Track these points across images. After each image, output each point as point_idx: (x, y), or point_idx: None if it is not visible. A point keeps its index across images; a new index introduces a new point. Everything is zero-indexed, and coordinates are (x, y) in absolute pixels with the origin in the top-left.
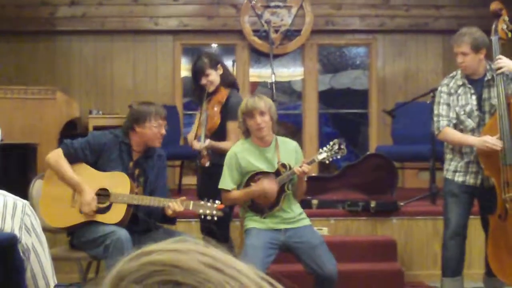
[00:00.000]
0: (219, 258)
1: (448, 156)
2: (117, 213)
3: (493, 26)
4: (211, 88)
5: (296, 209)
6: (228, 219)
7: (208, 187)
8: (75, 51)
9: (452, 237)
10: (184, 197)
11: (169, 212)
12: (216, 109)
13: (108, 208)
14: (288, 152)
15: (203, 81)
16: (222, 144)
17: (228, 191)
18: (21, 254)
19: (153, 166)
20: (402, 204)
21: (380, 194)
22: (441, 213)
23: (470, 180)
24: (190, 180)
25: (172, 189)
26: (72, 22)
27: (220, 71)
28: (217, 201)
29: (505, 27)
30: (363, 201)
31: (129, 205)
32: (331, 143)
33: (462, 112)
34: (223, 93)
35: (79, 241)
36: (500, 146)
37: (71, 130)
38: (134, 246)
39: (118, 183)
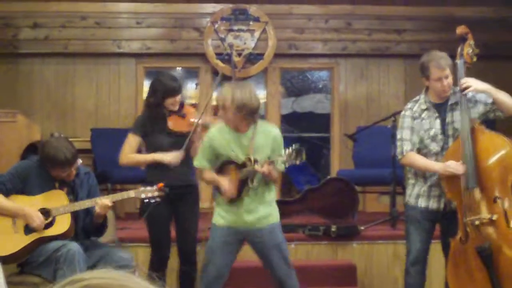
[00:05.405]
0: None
1: (411, 181)
2: (63, 223)
3: (459, 50)
4: (176, 107)
5: (264, 208)
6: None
7: None
8: (37, 73)
9: (414, 263)
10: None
11: (97, 209)
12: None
13: (52, 222)
14: (265, 140)
15: (177, 99)
16: None
17: (201, 169)
18: None
19: (81, 183)
20: (362, 228)
21: (341, 218)
22: (401, 237)
23: (433, 204)
24: None
25: (134, 212)
26: (34, 44)
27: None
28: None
29: (470, 51)
30: (324, 225)
31: (72, 216)
32: (289, 150)
33: (426, 136)
34: (192, 108)
35: (31, 266)
36: (462, 171)
37: (31, 153)
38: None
39: (55, 199)
